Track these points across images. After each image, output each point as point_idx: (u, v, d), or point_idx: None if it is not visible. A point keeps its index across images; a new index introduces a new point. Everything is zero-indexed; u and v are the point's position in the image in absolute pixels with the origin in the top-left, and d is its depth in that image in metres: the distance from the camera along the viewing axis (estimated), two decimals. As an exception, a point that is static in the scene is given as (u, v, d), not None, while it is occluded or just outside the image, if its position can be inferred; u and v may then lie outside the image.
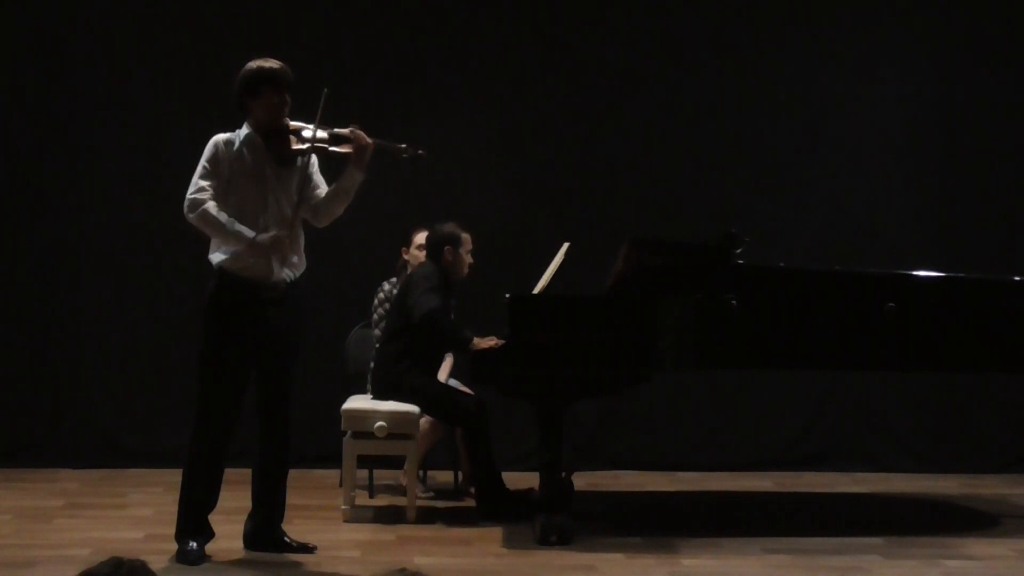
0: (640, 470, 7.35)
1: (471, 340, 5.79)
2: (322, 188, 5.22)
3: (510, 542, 5.58)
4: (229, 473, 5.19)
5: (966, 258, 7.11)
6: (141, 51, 7.27)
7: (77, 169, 7.23)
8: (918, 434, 7.61)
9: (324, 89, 4.95)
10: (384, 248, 6.93)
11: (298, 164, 5.13)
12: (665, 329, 5.51)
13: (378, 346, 6.41)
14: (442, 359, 6.46)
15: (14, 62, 7.21)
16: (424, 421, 6.23)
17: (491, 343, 5.71)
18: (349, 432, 6.02)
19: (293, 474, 5.40)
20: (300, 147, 5.10)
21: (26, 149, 7.23)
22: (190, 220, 5.03)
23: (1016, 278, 6.11)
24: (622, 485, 7.06)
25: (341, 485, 6.22)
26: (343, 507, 5.96)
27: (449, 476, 6.73)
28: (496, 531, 5.75)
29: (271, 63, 5.06)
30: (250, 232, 4.98)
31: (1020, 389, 7.41)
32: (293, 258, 5.12)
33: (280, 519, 5.30)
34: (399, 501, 6.25)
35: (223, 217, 4.97)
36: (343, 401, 6.19)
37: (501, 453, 6.32)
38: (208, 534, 5.18)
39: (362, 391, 6.48)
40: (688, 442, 7.47)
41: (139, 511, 6.07)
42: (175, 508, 5.19)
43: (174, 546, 5.11)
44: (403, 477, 6.33)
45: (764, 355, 5.77)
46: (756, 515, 6.49)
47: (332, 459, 6.63)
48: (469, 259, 6.30)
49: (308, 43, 7.11)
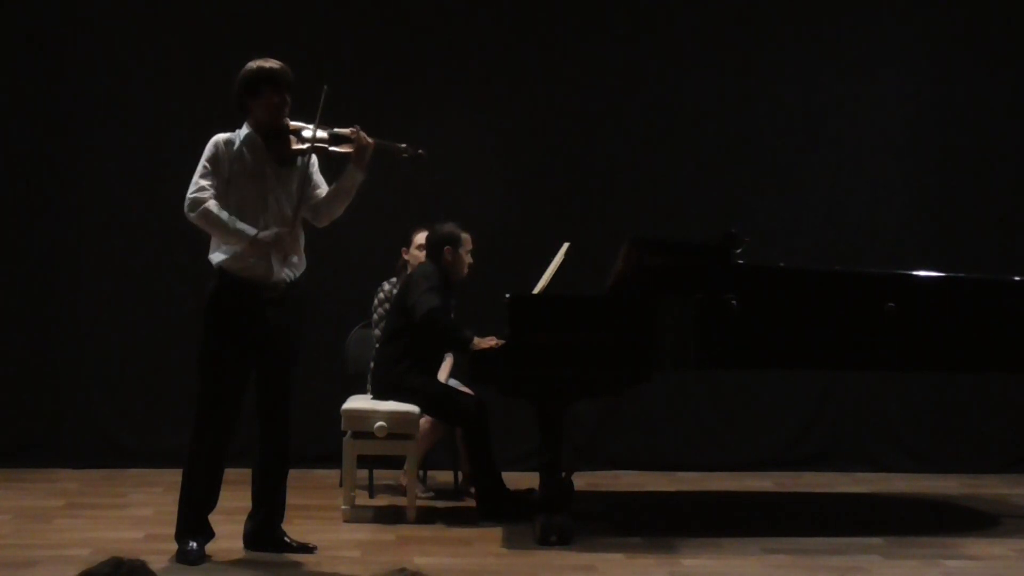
0: (640, 470, 7.35)
1: (471, 340, 5.78)
2: (322, 188, 5.22)
3: (510, 542, 5.57)
4: (229, 473, 5.19)
5: (966, 258, 7.11)
6: (141, 51, 7.27)
7: (77, 169, 7.23)
8: (918, 434, 7.61)
9: (324, 87, 4.95)
10: (384, 248, 6.93)
11: (298, 164, 5.12)
12: (665, 329, 5.50)
13: (378, 346, 6.41)
14: (442, 359, 6.46)
15: (14, 62, 7.21)
16: (424, 421, 6.23)
17: (491, 343, 5.71)
18: (349, 432, 6.02)
19: (293, 474, 5.39)
20: (300, 147, 5.10)
21: (26, 149, 7.23)
22: (191, 219, 5.02)
23: (1016, 278, 6.11)
24: (622, 485, 7.06)
25: (341, 485, 6.22)
26: (343, 507, 5.96)
27: (449, 476, 6.73)
28: (496, 531, 5.75)
29: (271, 63, 5.06)
30: (252, 229, 4.97)
31: (1020, 389, 7.41)
32: (293, 258, 5.12)
33: (280, 519, 5.29)
34: (399, 501, 6.25)
35: (224, 215, 4.97)
36: (343, 401, 6.19)
37: (501, 453, 6.32)
38: (208, 534, 5.18)
39: (362, 391, 6.48)
40: (688, 442, 7.47)
41: (139, 511, 6.07)
42: (175, 508, 5.19)
43: (174, 546, 5.11)
44: (403, 477, 6.33)
45: (764, 355, 5.77)
46: (756, 515, 6.48)
47: (332, 459, 6.63)
48: (469, 259, 6.30)
49: (308, 43, 7.11)
